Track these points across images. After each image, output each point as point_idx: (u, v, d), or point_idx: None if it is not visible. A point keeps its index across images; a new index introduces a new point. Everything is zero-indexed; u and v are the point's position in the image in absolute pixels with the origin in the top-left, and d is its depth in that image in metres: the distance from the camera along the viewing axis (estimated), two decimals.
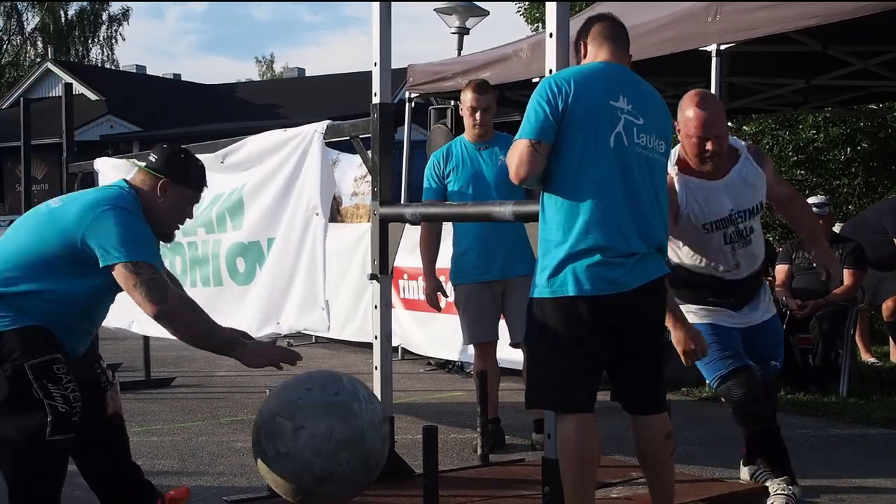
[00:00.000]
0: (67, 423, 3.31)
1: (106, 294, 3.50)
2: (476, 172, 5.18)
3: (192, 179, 3.62)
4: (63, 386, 3.32)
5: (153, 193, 3.51)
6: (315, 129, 4.98)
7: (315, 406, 3.31)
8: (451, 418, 6.07)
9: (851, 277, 6.90)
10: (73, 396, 3.33)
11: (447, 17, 11.82)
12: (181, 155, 3.61)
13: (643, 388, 3.45)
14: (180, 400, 6.93)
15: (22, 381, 3.28)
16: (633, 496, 4.17)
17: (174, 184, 3.53)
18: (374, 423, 3.37)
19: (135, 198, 3.48)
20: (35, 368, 3.29)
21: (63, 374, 3.34)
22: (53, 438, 3.29)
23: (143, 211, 3.47)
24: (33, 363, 3.30)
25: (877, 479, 4.69)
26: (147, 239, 3.41)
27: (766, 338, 4.31)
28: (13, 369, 3.28)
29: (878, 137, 12.31)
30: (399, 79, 8.54)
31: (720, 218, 4.04)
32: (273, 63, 54.95)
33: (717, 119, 3.90)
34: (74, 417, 3.33)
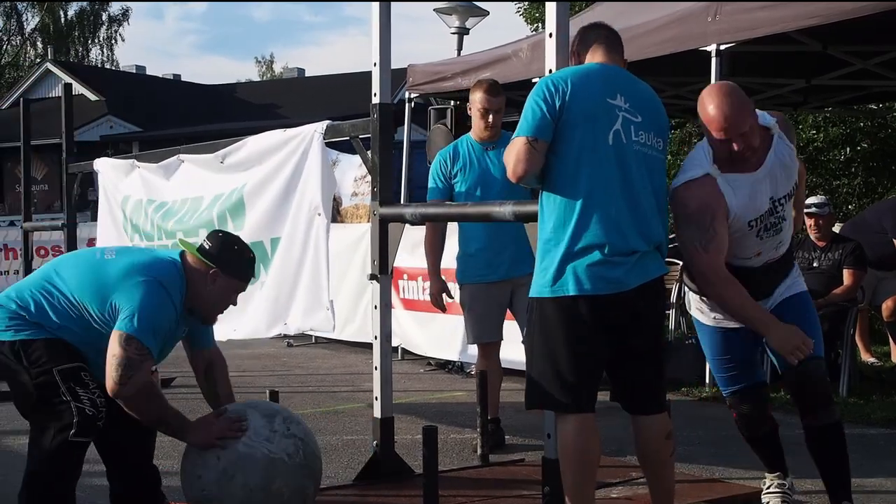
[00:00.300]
0: (92, 425, 3.44)
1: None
2: (484, 172, 5.17)
3: (243, 272, 3.71)
4: (90, 390, 3.45)
5: (202, 278, 3.60)
6: (315, 129, 4.98)
7: (216, 482, 3.48)
8: (451, 418, 6.07)
9: (851, 277, 6.90)
10: (101, 402, 3.45)
11: (447, 18, 11.82)
12: (235, 246, 3.70)
13: (643, 388, 3.45)
14: (180, 400, 6.90)
15: (50, 386, 3.43)
16: (633, 496, 4.18)
17: (224, 274, 3.61)
18: (268, 445, 3.53)
19: (182, 278, 3.58)
20: (63, 373, 3.44)
21: (90, 380, 3.47)
22: (76, 440, 3.42)
23: (189, 290, 3.59)
24: (61, 368, 3.44)
25: (877, 478, 4.69)
26: (160, 323, 3.47)
27: (791, 314, 3.70)
28: (42, 374, 3.43)
29: (877, 137, 12.32)
30: (399, 79, 8.52)
31: (764, 212, 3.59)
32: (273, 63, 55.01)
33: (741, 116, 3.43)
34: (99, 421, 3.46)
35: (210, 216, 5.59)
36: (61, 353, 3.48)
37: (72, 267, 3.62)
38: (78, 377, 3.46)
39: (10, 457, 5.22)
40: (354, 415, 6.19)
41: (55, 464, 3.47)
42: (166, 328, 3.52)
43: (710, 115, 3.47)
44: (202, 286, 3.60)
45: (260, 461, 3.48)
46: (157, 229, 5.95)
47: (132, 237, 6.16)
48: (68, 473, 3.51)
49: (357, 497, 4.33)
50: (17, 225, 12.95)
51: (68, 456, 3.46)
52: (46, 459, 3.47)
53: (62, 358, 3.47)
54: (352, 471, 4.70)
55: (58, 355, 3.47)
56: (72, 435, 3.41)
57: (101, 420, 3.47)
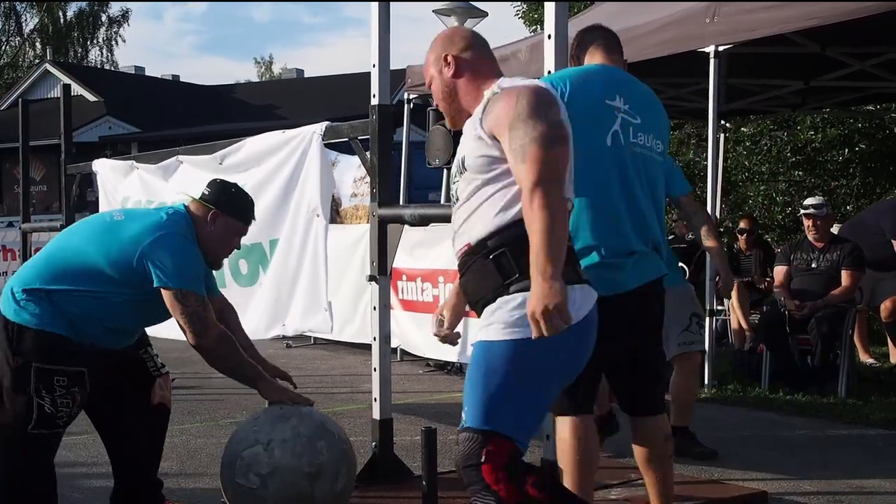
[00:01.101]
0: (51, 422, 3.56)
1: (146, 305, 3.67)
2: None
3: (241, 211, 3.86)
4: (54, 396, 3.56)
5: (205, 222, 3.77)
6: (314, 130, 4.98)
7: (270, 422, 3.55)
8: (451, 419, 6.07)
9: (850, 278, 6.91)
10: (61, 402, 3.57)
11: (446, 19, 11.79)
12: (232, 189, 3.89)
13: (642, 390, 3.46)
14: (179, 402, 6.90)
15: (24, 376, 3.54)
16: (631, 497, 4.18)
17: (224, 215, 3.79)
18: (326, 417, 3.72)
19: (189, 226, 3.74)
20: (38, 372, 3.54)
21: (60, 386, 3.56)
22: (36, 431, 3.54)
23: (195, 239, 3.73)
24: (38, 367, 3.54)
25: (875, 479, 4.69)
26: (198, 268, 3.68)
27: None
28: (22, 363, 3.54)
29: (875, 138, 12.34)
30: (398, 80, 8.53)
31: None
32: (272, 64, 54.94)
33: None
34: (58, 419, 3.57)
35: None
36: (47, 351, 3.56)
37: (86, 233, 3.73)
38: (50, 382, 3.55)
39: None
40: (353, 416, 6.19)
41: (26, 458, 3.56)
42: (202, 264, 3.72)
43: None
44: (205, 229, 3.76)
45: (317, 420, 3.63)
46: None
47: None
48: (40, 469, 3.60)
49: (356, 498, 4.32)
50: (16, 226, 12.95)
51: (34, 450, 3.57)
52: (15, 455, 3.57)
53: (47, 357, 3.55)
54: None
55: (43, 352, 3.55)
56: (31, 427, 3.53)
57: (61, 418, 3.58)
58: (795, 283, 7.08)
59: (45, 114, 19.21)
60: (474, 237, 2.71)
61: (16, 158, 9.53)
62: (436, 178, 10.18)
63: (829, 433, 5.70)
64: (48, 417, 3.55)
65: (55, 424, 3.58)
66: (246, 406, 6.58)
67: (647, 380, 3.45)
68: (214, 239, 3.78)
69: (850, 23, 6.20)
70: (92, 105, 27.61)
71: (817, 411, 6.20)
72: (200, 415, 6.43)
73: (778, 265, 7.30)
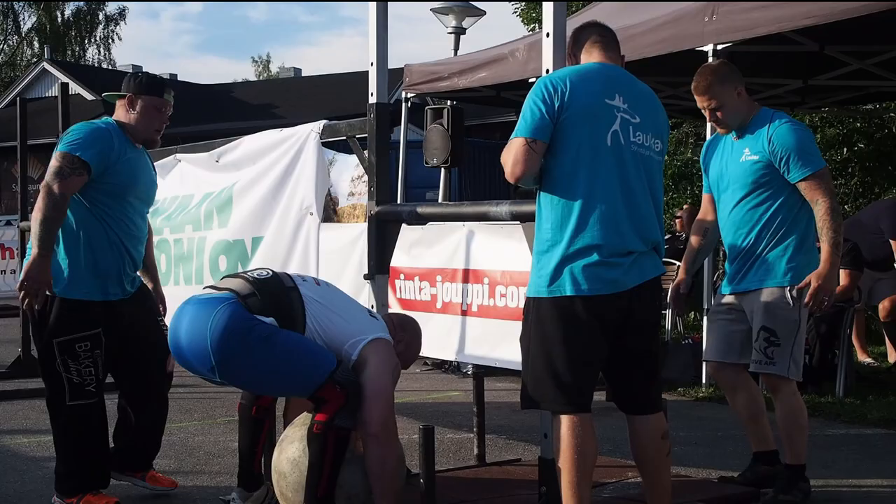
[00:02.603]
0: (82, 391, 4.10)
1: (112, 197, 4.18)
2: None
3: (150, 87, 4.32)
4: (79, 362, 4.09)
5: (126, 112, 4.31)
6: (311, 128, 4.98)
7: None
8: (448, 418, 6.07)
9: (848, 278, 6.91)
10: (87, 371, 4.09)
11: (443, 17, 11.80)
12: (139, 74, 4.43)
13: (639, 388, 3.45)
14: (177, 400, 6.91)
15: (49, 353, 4.10)
16: (629, 496, 4.17)
17: (137, 95, 4.29)
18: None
19: (113, 123, 4.29)
20: (60, 345, 4.08)
21: (83, 350, 4.09)
22: (74, 403, 4.09)
23: (125, 130, 4.27)
24: (60, 340, 4.08)
25: (873, 479, 4.70)
26: (91, 139, 4.12)
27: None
28: (45, 342, 4.12)
29: (874, 138, 12.32)
30: (395, 79, 8.53)
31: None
32: (269, 63, 54.87)
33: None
34: (88, 387, 4.11)
35: (198, 213, 5.59)
36: (65, 322, 4.08)
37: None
38: (73, 350, 4.08)
39: (8, 456, 5.21)
40: None
41: (67, 423, 4.12)
42: (107, 144, 4.14)
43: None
44: (129, 116, 4.30)
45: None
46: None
47: None
48: (86, 432, 4.14)
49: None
50: (14, 224, 12.94)
51: (75, 417, 4.11)
52: (60, 420, 4.15)
53: (64, 328, 4.08)
54: None
55: (62, 325, 4.08)
56: (68, 399, 4.09)
57: (89, 386, 4.11)
58: None
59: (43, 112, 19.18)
60: None
61: (14, 157, 9.52)
62: (433, 177, 10.17)
63: (827, 433, 5.70)
64: (78, 388, 4.09)
65: (86, 394, 4.10)
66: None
67: (645, 378, 3.45)
68: (139, 119, 4.28)
69: (849, 21, 6.19)
70: (90, 104, 27.57)
71: (815, 411, 6.19)
72: (198, 413, 6.43)
73: None
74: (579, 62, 3.50)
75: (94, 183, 4.11)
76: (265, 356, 3.51)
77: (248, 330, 3.50)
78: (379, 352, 3.64)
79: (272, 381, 3.61)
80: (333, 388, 3.50)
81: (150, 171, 4.44)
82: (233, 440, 5.53)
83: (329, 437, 3.49)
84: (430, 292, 5.92)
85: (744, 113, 4.23)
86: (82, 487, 4.15)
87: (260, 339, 3.50)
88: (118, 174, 4.17)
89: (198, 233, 5.57)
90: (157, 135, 4.37)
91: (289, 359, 3.53)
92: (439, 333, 7.82)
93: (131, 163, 4.25)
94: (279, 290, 3.66)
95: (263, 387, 3.73)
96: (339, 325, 3.68)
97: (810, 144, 4.12)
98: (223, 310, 3.51)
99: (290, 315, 3.62)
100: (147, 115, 4.30)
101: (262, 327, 3.52)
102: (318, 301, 3.71)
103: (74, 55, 39.91)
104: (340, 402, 3.49)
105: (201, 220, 5.52)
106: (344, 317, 3.72)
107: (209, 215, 5.50)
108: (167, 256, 5.87)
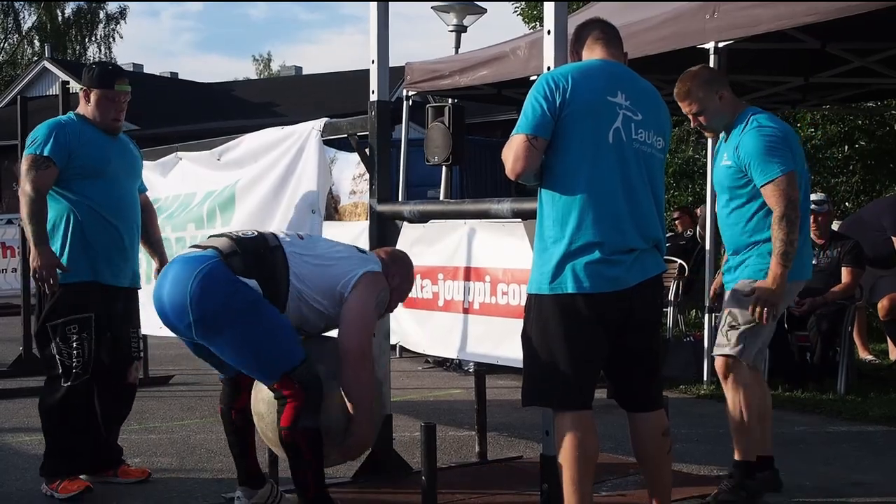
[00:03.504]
0: (71, 374, 4.34)
1: (88, 178, 4.40)
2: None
3: (97, 79, 4.50)
4: (70, 344, 4.34)
5: (84, 105, 4.52)
6: (312, 126, 4.97)
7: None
8: (450, 416, 6.07)
9: (850, 276, 6.91)
10: (77, 353, 4.34)
11: (444, 15, 11.80)
12: (93, 66, 4.60)
13: (640, 386, 3.45)
14: (178, 398, 6.93)
15: (44, 336, 4.39)
16: (630, 493, 4.17)
17: (90, 89, 4.49)
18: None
19: (73, 114, 4.52)
20: (53, 329, 4.35)
21: (73, 333, 4.34)
22: (68, 384, 4.34)
23: (86, 121, 4.48)
24: (53, 324, 4.35)
25: (874, 475, 4.70)
26: (44, 138, 4.35)
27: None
28: (40, 328, 4.40)
29: (875, 135, 12.32)
30: (397, 77, 8.53)
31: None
32: (270, 61, 54.87)
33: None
34: (76, 369, 4.34)
35: (200, 212, 5.59)
36: (59, 305, 4.33)
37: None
38: (64, 334, 4.34)
39: (9, 454, 5.22)
40: None
41: (59, 403, 4.36)
42: (63, 133, 4.37)
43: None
44: (87, 108, 4.50)
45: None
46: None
47: None
48: (73, 416, 4.38)
49: (356, 494, 4.33)
50: (16, 223, 12.93)
51: (68, 400, 4.36)
52: (54, 407, 4.38)
53: (57, 312, 4.33)
54: (350, 468, 4.69)
55: (55, 309, 4.34)
56: (62, 382, 4.35)
57: (78, 368, 4.34)
58: None
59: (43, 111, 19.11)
60: None
61: (14, 156, 9.51)
62: (434, 175, 10.17)
63: (828, 430, 5.70)
64: (68, 370, 4.33)
65: (77, 375, 4.33)
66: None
67: (646, 375, 3.45)
68: (95, 111, 4.49)
69: (850, 19, 6.19)
70: None
71: (816, 408, 6.21)
72: (199, 411, 6.43)
73: None
74: (581, 59, 3.50)
75: (68, 170, 4.35)
76: (246, 322, 3.57)
77: (231, 293, 3.57)
78: (365, 281, 3.73)
79: (243, 350, 3.62)
80: (293, 383, 3.56)
81: (127, 152, 4.65)
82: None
83: (300, 441, 3.56)
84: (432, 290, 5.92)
85: (728, 116, 4.21)
86: (63, 471, 4.36)
87: (245, 303, 3.57)
88: (86, 156, 4.39)
89: (200, 231, 5.56)
90: (117, 123, 4.55)
91: (268, 334, 3.59)
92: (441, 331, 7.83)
93: (98, 144, 4.45)
94: (263, 250, 3.73)
95: (234, 353, 3.66)
96: (327, 273, 3.75)
97: (773, 150, 4.02)
98: (205, 268, 3.58)
99: (273, 276, 3.68)
100: (101, 107, 4.50)
101: (246, 291, 3.59)
102: (303, 255, 3.77)
103: (75, 54, 39.91)
104: (300, 400, 3.54)
105: (204, 218, 5.52)
106: (332, 263, 3.79)
107: (212, 214, 5.49)
108: (169, 255, 5.87)
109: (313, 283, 3.73)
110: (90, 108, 4.51)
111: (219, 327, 3.58)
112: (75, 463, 4.40)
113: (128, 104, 4.61)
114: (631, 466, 4.35)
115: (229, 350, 3.66)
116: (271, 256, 3.71)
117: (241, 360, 3.68)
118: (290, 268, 3.70)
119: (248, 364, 3.68)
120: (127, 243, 4.54)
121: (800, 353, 6.94)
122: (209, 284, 3.56)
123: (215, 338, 3.62)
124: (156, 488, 4.52)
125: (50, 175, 4.32)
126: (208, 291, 3.55)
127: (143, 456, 5.10)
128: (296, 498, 3.95)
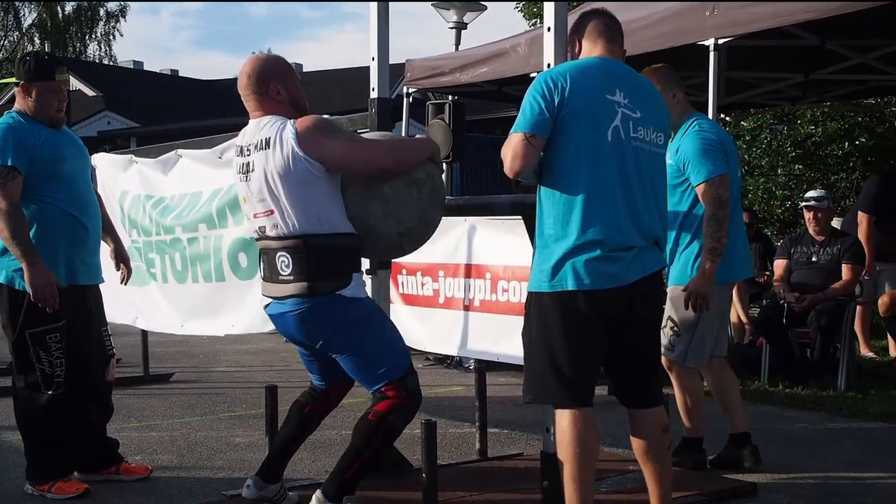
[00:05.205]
0: (52, 381, 4.29)
1: (47, 178, 4.28)
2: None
3: (35, 72, 4.35)
4: (50, 353, 4.28)
5: (24, 100, 4.35)
6: None
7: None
8: (450, 413, 6.08)
9: (850, 272, 6.91)
10: (57, 361, 4.29)
11: (445, 12, 11.80)
12: (27, 58, 4.42)
13: (640, 382, 3.46)
14: (179, 395, 6.93)
15: (23, 344, 4.29)
16: (630, 489, 4.18)
17: (30, 83, 4.33)
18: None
19: (15, 113, 4.34)
20: (32, 336, 4.27)
21: (52, 342, 4.28)
22: (50, 392, 4.29)
23: (26, 116, 4.33)
24: (32, 332, 4.27)
25: (875, 472, 4.70)
26: (4, 146, 4.18)
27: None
28: (18, 336, 4.29)
29: (875, 132, 12.32)
30: (397, 74, 8.52)
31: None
32: None
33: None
34: (58, 378, 4.30)
35: (209, 210, 5.59)
36: (35, 313, 4.23)
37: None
38: (43, 341, 4.28)
39: (10, 452, 5.22)
40: (353, 409, 6.17)
41: (37, 412, 4.31)
42: (19, 138, 4.22)
43: None
44: (28, 103, 4.34)
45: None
46: (155, 225, 5.93)
47: (130, 232, 6.15)
48: (56, 422, 4.33)
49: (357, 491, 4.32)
50: None
51: (49, 408, 4.30)
52: (29, 408, 4.33)
53: (35, 320, 4.25)
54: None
55: (32, 317, 4.25)
56: (42, 390, 4.29)
57: (58, 377, 4.29)
58: (796, 276, 7.08)
59: None
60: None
61: None
62: None
63: (828, 426, 5.70)
64: (49, 378, 4.28)
65: (58, 384, 4.29)
66: (246, 400, 6.59)
67: (646, 372, 3.46)
68: (36, 105, 4.32)
69: (850, 15, 6.18)
70: (91, 100, 27.61)
71: (817, 404, 6.21)
72: (200, 408, 6.44)
73: (778, 258, 7.30)
74: (581, 46, 3.49)
75: (28, 175, 4.23)
76: (370, 326, 3.64)
77: (342, 313, 3.57)
78: (296, 139, 3.50)
79: (360, 347, 3.63)
80: (402, 389, 3.64)
81: (75, 144, 4.54)
82: (235, 435, 5.55)
83: (381, 429, 3.60)
84: (433, 287, 5.91)
85: (676, 116, 4.44)
86: (53, 475, 4.34)
87: (367, 311, 3.65)
88: (43, 157, 4.27)
89: (213, 231, 5.56)
90: (60, 114, 4.43)
91: (383, 339, 3.69)
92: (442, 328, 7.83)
93: (51, 141, 4.34)
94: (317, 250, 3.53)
95: (347, 347, 3.63)
96: (313, 202, 3.52)
97: (708, 153, 4.34)
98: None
99: (344, 253, 3.58)
100: (44, 100, 4.35)
101: (356, 306, 3.58)
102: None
103: (75, 51, 39.89)
104: (402, 401, 3.62)
105: (214, 217, 5.52)
106: (286, 192, 3.52)
107: (222, 213, 5.49)
108: (181, 255, 5.85)
109: (311, 212, 3.51)
110: (31, 102, 4.34)
111: (339, 348, 3.64)
112: (62, 467, 4.38)
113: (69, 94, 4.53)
114: (631, 463, 4.35)
115: (345, 344, 3.64)
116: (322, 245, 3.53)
117: (355, 355, 3.65)
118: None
119: (358, 364, 3.67)
120: (94, 238, 4.50)
121: (800, 350, 6.94)
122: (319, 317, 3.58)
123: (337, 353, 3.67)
124: (156, 486, 4.52)
125: (18, 184, 4.19)
126: (320, 323, 3.58)
127: (143, 454, 5.11)
128: (297, 497, 3.96)
